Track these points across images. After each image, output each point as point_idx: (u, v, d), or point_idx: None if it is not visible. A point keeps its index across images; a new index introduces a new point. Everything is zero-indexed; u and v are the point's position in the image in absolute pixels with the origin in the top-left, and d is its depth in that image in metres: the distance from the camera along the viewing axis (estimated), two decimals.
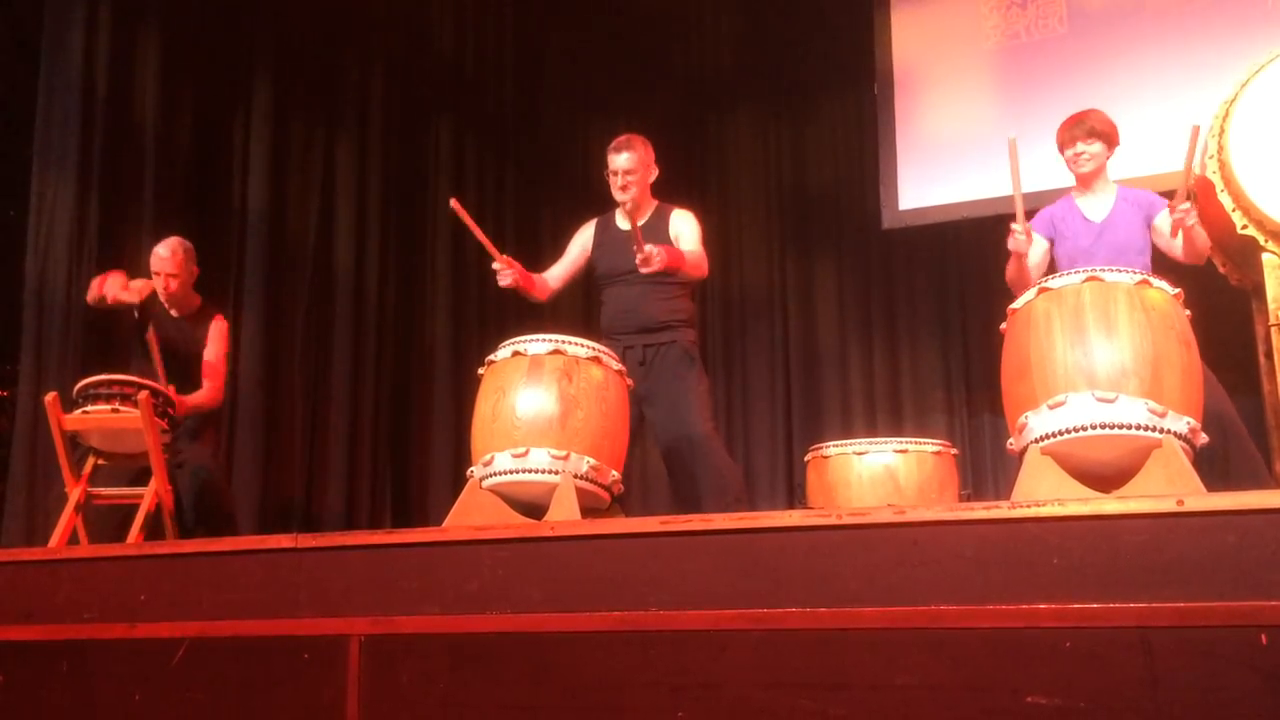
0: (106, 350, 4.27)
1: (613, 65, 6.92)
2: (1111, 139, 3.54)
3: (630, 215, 3.66)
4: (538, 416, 2.89)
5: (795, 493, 5.68)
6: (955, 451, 4.12)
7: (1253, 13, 5.11)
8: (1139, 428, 2.53)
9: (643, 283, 3.62)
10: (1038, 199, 3.80)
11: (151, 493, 3.77)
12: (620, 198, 3.73)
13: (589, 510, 2.96)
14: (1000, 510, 2.01)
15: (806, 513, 2.20)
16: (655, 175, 3.81)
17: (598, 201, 3.87)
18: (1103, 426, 2.54)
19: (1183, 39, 5.33)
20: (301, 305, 5.72)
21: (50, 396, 3.74)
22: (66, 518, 3.74)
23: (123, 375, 3.89)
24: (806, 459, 4.17)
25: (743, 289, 6.57)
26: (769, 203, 6.57)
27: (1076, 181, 3.62)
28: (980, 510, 2.02)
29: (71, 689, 2.56)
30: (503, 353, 3.02)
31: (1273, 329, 3.54)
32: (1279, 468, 3.61)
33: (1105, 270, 2.72)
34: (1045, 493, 2.55)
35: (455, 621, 2.29)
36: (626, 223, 3.74)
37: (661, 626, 2.13)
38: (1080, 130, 3.53)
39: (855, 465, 3.92)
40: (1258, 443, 3.37)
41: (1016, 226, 3.36)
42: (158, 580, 2.59)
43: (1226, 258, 3.81)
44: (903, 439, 4.03)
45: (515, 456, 2.88)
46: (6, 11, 5.04)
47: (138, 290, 4.09)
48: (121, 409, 3.71)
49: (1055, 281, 2.73)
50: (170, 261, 4.19)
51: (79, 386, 3.79)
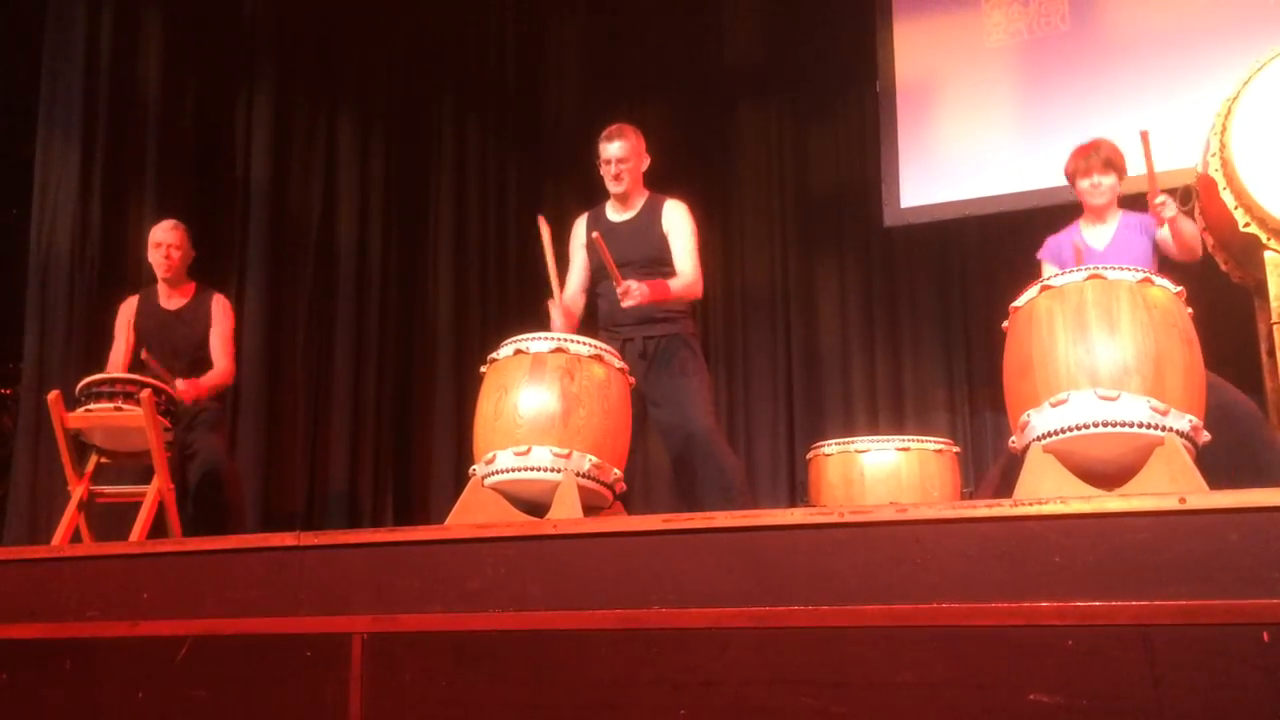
0: (109, 349, 4.27)
1: (614, 58, 6.92)
2: (1123, 170, 3.62)
3: (615, 203, 3.67)
4: (540, 414, 2.89)
5: (797, 491, 5.68)
6: (957, 449, 4.12)
7: (1255, 10, 5.10)
8: (1141, 426, 2.53)
9: (638, 274, 3.56)
10: (1039, 197, 3.79)
11: (154, 491, 3.77)
12: (614, 188, 3.72)
13: (591, 508, 2.96)
14: (1002, 508, 2.01)
15: (809, 511, 2.20)
16: (647, 164, 3.79)
17: (601, 184, 3.85)
18: (1105, 424, 2.54)
19: (1185, 36, 5.32)
20: (303, 301, 5.73)
21: (53, 395, 3.74)
22: (69, 516, 3.75)
23: (125, 373, 3.90)
24: (808, 457, 4.17)
25: (744, 286, 6.56)
26: (771, 200, 6.56)
27: (1086, 211, 3.69)
28: (982, 508, 2.02)
29: (74, 687, 2.57)
30: (505, 351, 3.02)
31: (1275, 327, 3.53)
32: None
33: (1108, 268, 2.72)
34: (1047, 491, 2.54)
35: (457, 620, 2.29)
36: (618, 214, 3.74)
37: (664, 624, 2.13)
38: (1096, 161, 3.59)
39: (857, 463, 3.93)
40: None
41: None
42: (161, 578, 2.60)
43: (1228, 255, 3.80)
44: (905, 437, 4.03)
45: (517, 455, 2.88)
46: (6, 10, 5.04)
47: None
48: (124, 407, 3.71)
49: (1058, 279, 2.73)
50: (173, 234, 4.22)
51: (82, 384, 3.79)
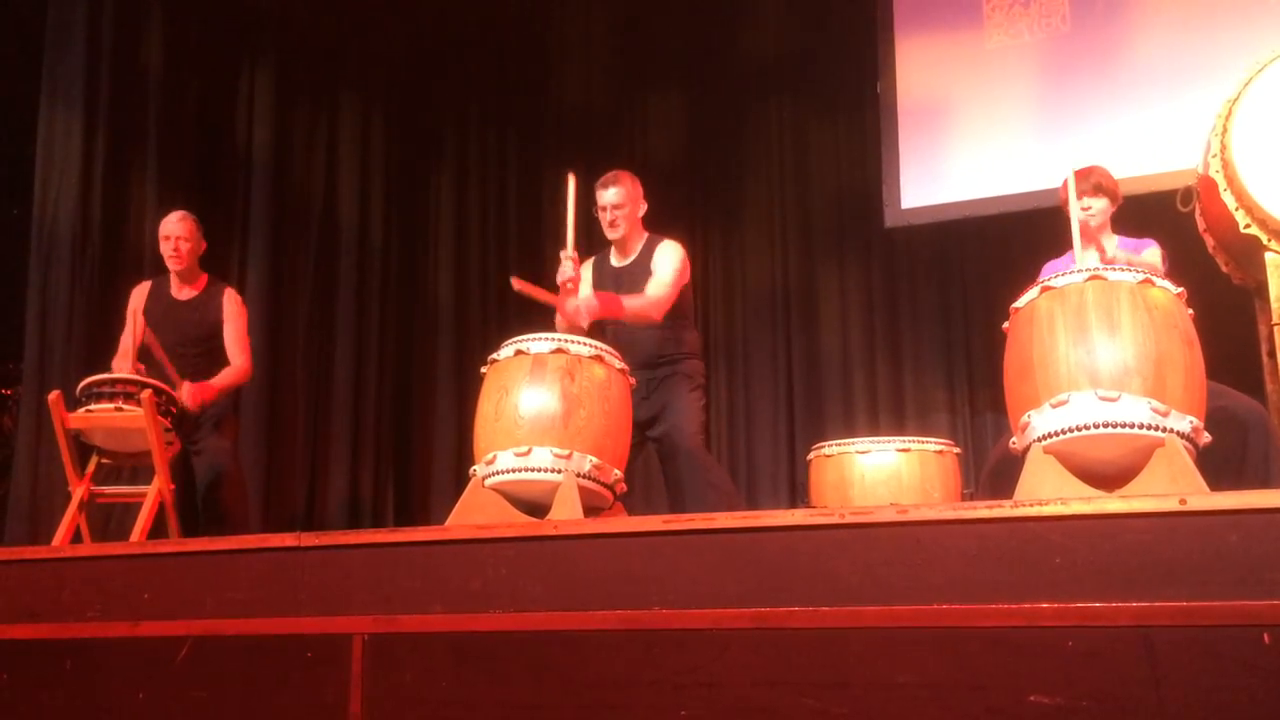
0: (110, 349, 4.28)
1: (618, 54, 6.93)
2: (1115, 196, 3.62)
3: (615, 251, 3.69)
4: (540, 415, 2.89)
5: (798, 492, 5.68)
6: (958, 450, 4.12)
7: (1256, 10, 5.10)
8: (1142, 427, 2.53)
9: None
10: (1040, 198, 3.79)
11: (155, 491, 3.77)
12: (610, 234, 3.75)
13: (591, 509, 2.97)
14: (1003, 509, 2.01)
15: (809, 512, 2.20)
16: (644, 210, 3.80)
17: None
18: (1105, 425, 2.54)
19: (1186, 37, 5.32)
20: (303, 301, 5.73)
21: (54, 395, 3.75)
22: (70, 516, 3.75)
23: (126, 374, 3.90)
24: (809, 458, 4.17)
25: (745, 287, 6.56)
26: (772, 201, 6.56)
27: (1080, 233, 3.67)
28: (983, 509, 2.02)
29: (75, 688, 2.57)
30: (505, 351, 3.02)
31: (1275, 328, 3.53)
32: None
33: (1108, 269, 2.72)
34: (1047, 492, 2.54)
35: (458, 620, 2.29)
36: (618, 260, 3.79)
37: (664, 625, 2.13)
38: (1086, 185, 3.56)
39: (858, 464, 3.93)
40: None
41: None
42: (161, 579, 2.60)
43: (1229, 257, 3.80)
44: (905, 438, 4.03)
45: (518, 455, 2.88)
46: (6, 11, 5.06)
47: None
48: (125, 408, 3.71)
49: (1058, 280, 2.73)
50: (182, 226, 4.19)
51: (82, 385, 3.80)
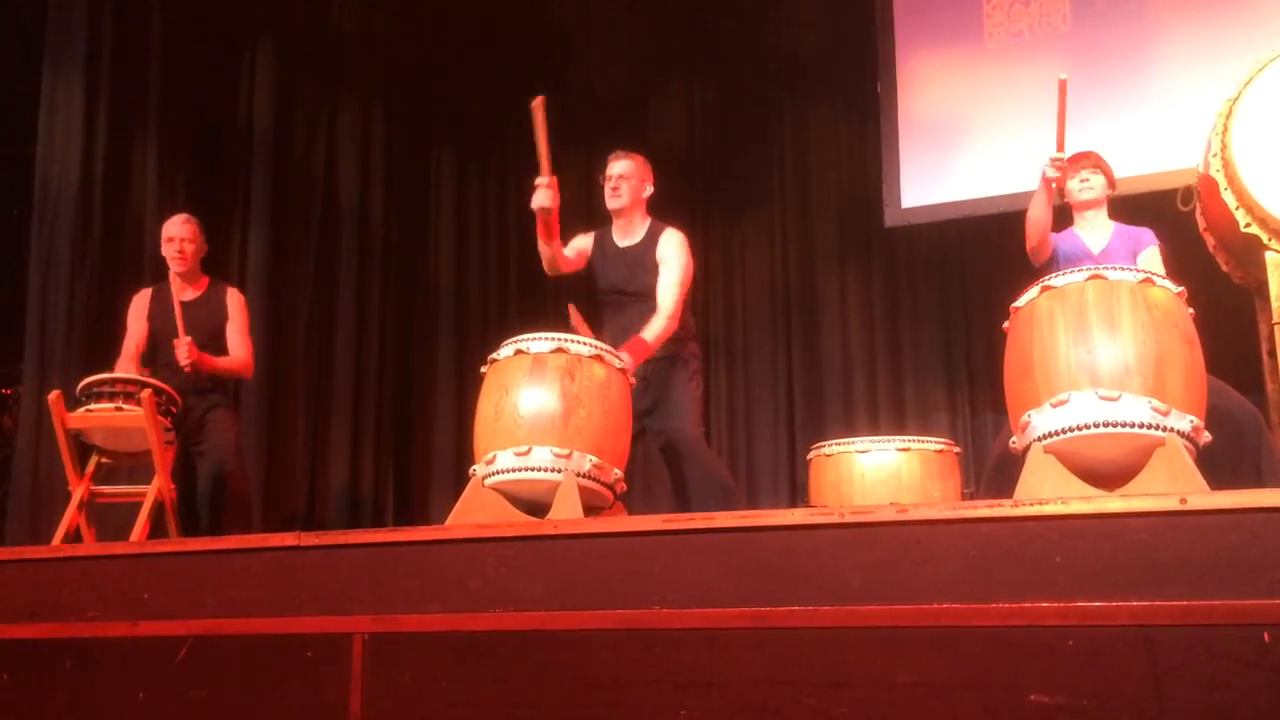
0: (110, 348, 4.28)
1: (620, 42, 6.93)
2: (1110, 179, 3.72)
3: (618, 228, 3.70)
4: (540, 415, 2.89)
5: (798, 491, 5.68)
6: (958, 450, 4.12)
7: (1256, 9, 5.10)
8: (1142, 426, 2.53)
9: (640, 305, 3.61)
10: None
11: (154, 491, 3.77)
12: (612, 203, 3.71)
13: (591, 509, 2.96)
14: (1003, 509, 2.00)
15: (809, 511, 2.20)
16: (650, 192, 3.79)
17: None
18: (1105, 425, 2.54)
19: (1186, 36, 5.32)
20: (303, 300, 5.73)
21: (54, 395, 3.75)
22: (70, 516, 3.75)
23: (126, 374, 3.90)
24: (809, 457, 4.17)
25: (745, 286, 6.56)
26: (772, 200, 6.56)
27: (1077, 212, 3.74)
28: (983, 509, 2.02)
29: (75, 687, 2.57)
30: (505, 351, 3.02)
31: (1275, 327, 3.53)
32: None
33: (1109, 268, 2.72)
34: (1048, 491, 2.54)
35: (458, 620, 2.29)
36: (621, 239, 3.75)
37: (664, 625, 2.13)
38: (1086, 163, 3.70)
39: (858, 464, 3.93)
40: None
41: (1057, 155, 3.48)
42: (161, 578, 2.59)
43: (1230, 256, 3.80)
44: (905, 437, 4.03)
45: (518, 455, 2.88)
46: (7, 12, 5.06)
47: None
48: (125, 407, 3.71)
49: (1058, 280, 2.73)
50: (186, 228, 4.19)
51: (82, 385, 3.80)
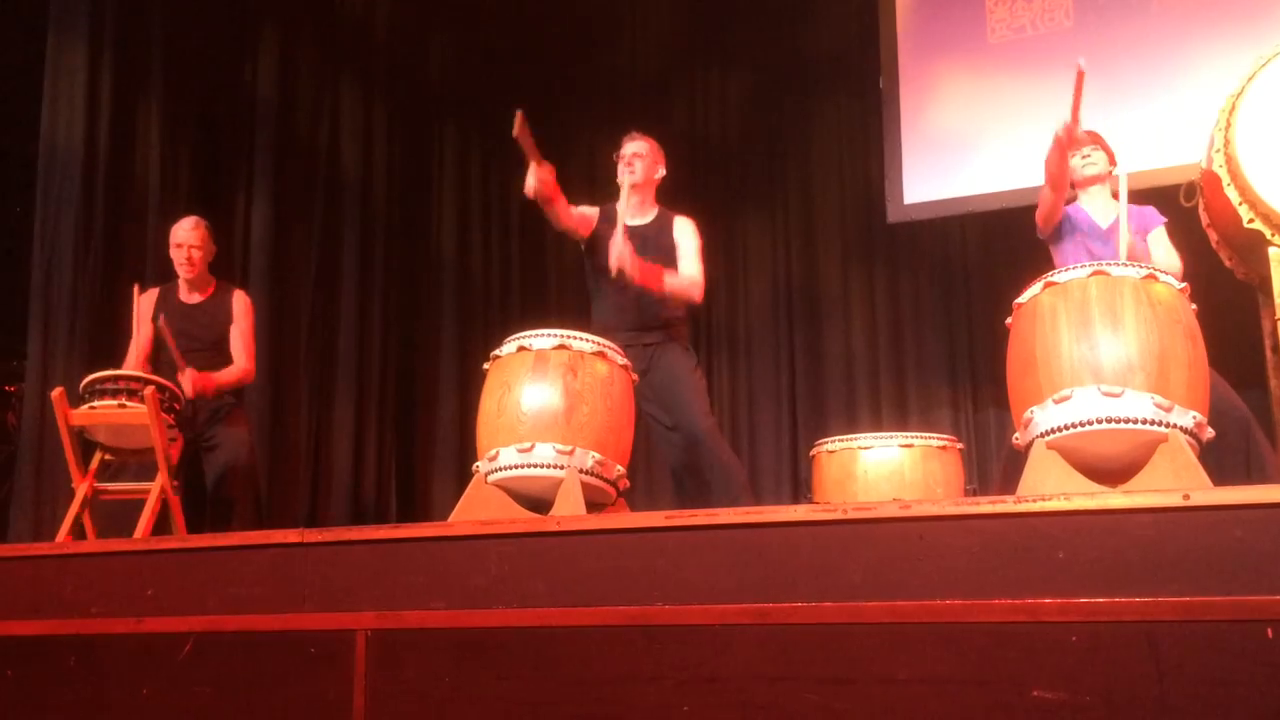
0: (114, 345, 4.28)
1: (613, 43, 6.93)
2: (1111, 156, 3.76)
3: (631, 205, 3.68)
4: (543, 411, 2.89)
5: (800, 488, 5.69)
6: (960, 446, 4.11)
7: (1260, 5, 5.09)
8: (1145, 422, 2.52)
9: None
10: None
11: (158, 488, 3.78)
12: (625, 177, 3.73)
13: (594, 505, 2.97)
14: (1006, 505, 2.00)
15: (812, 507, 2.20)
16: (661, 175, 3.82)
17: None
18: (1108, 421, 2.54)
19: (1189, 33, 5.31)
20: (305, 298, 5.73)
21: (57, 392, 3.75)
22: (73, 513, 3.75)
23: (129, 370, 3.90)
24: (812, 454, 4.17)
25: (747, 282, 6.56)
26: (774, 197, 6.56)
27: (1078, 186, 3.76)
28: (986, 505, 2.02)
29: (79, 683, 2.57)
30: (508, 348, 3.02)
31: (1279, 323, 3.53)
32: None
33: (1111, 265, 2.72)
34: (1051, 487, 2.54)
35: (461, 616, 2.29)
36: (632, 218, 3.75)
37: (667, 621, 2.13)
38: (1085, 140, 3.73)
39: (860, 460, 3.92)
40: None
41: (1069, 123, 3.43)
42: (165, 575, 2.60)
43: (1232, 252, 3.79)
44: (908, 433, 4.03)
45: (520, 451, 2.88)
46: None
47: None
48: (128, 404, 3.71)
49: (1061, 276, 2.73)
50: (194, 234, 4.21)
51: (86, 382, 3.80)
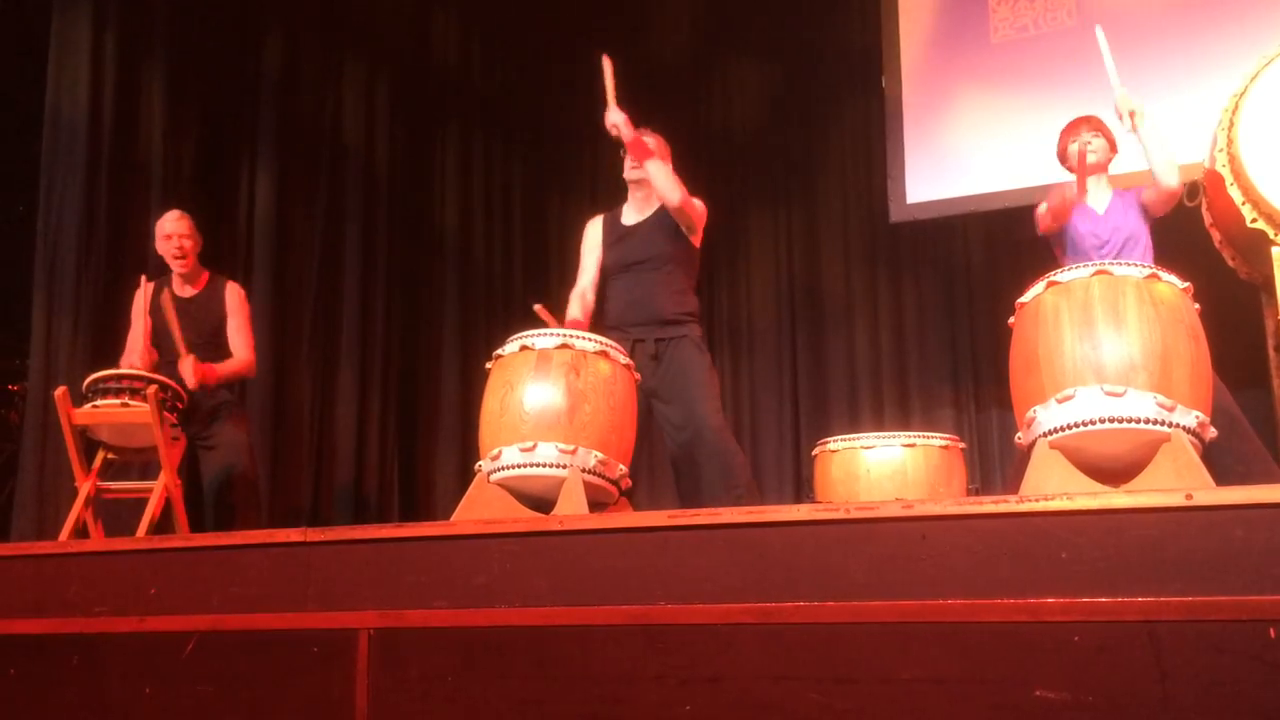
0: (117, 344, 4.28)
1: (613, 41, 6.92)
2: (1112, 142, 3.76)
3: (638, 207, 3.68)
4: (545, 411, 2.89)
5: (803, 487, 5.69)
6: (963, 445, 4.11)
7: (1263, 4, 5.08)
8: (1147, 422, 2.52)
9: (653, 275, 3.60)
10: (1045, 193, 3.79)
11: (161, 487, 3.78)
12: (631, 174, 3.70)
13: (596, 504, 2.97)
14: (1008, 504, 2.00)
15: (814, 507, 2.20)
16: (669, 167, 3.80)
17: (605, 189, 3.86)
18: (1111, 420, 2.54)
19: (1192, 31, 5.30)
20: (308, 298, 5.74)
21: (59, 391, 3.75)
22: (76, 512, 3.76)
23: (132, 370, 3.90)
24: (814, 453, 4.17)
25: (750, 282, 6.57)
26: (777, 196, 6.56)
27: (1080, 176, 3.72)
28: (988, 504, 2.02)
29: (82, 682, 2.57)
30: (510, 347, 3.02)
31: None
32: None
33: (1114, 264, 2.71)
34: (1053, 487, 2.54)
35: (463, 615, 2.29)
36: (632, 218, 3.74)
37: (669, 620, 2.13)
38: (1087, 126, 3.75)
39: (863, 460, 3.92)
40: (1267, 437, 3.36)
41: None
42: (168, 574, 2.60)
43: (1235, 251, 3.79)
44: (910, 433, 4.02)
45: (523, 451, 2.88)
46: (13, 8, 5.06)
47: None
48: (131, 403, 3.72)
49: (1063, 275, 2.73)
50: (182, 224, 4.19)
51: (88, 381, 3.80)
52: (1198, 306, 2.73)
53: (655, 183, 3.56)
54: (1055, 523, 1.94)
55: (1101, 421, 2.54)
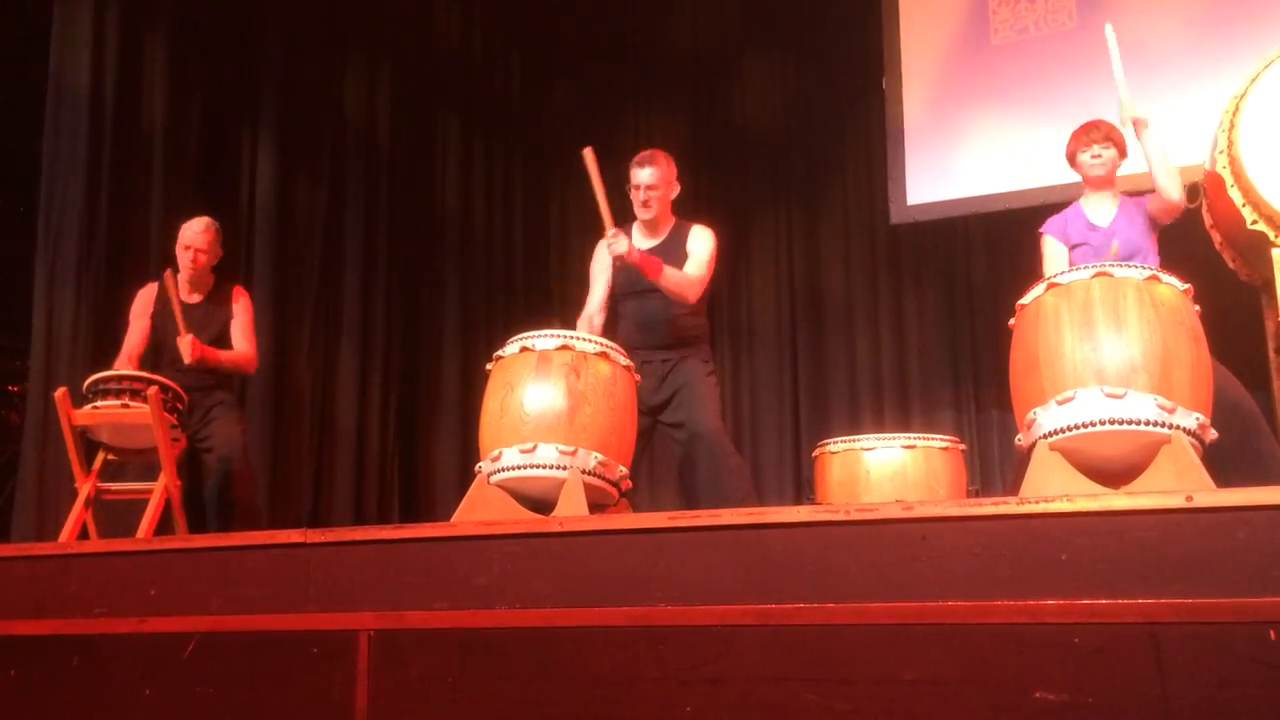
0: (116, 345, 4.28)
1: (614, 40, 6.94)
2: (1122, 148, 3.67)
3: (649, 230, 3.68)
4: (545, 412, 2.89)
5: (803, 488, 5.68)
6: (963, 447, 4.11)
7: (1263, 6, 5.08)
8: (1148, 423, 2.52)
9: (664, 300, 3.62)
10: (1046, 194, 3.80)
11: (161, 488, 3.78)
12: (642, 214, 3.71)
13: (596, 506, 2.97)
14: (1008, 506, 2.00)
15: (814, 508, 2.20)
16: (677, 191, 3.78)
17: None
18: (1111, 422, 2.54)
19: (1192, 33, 5.30)
20: (308, 298, 5.73)
21: (60, 392, 3.76)
22: (76, 513, 3.76)
23: (132, 370, 3.90)
24: (814, 454, 4.17)
25: (750, 283, 6.56)
26: (777, 197, 6.56)
27: (1085, 184, 3.71)
28: (988, 506, 2.02)
29: (82, 684, 2.57)
30: (511, 348, 3.02)
31: None
32: None
33: (1115, 266, 2.71)
34: (1053, 488, 2.54)
35: (463, 617, 2.29)
36: (644, 240, 3.73)
37: (669, 621, 2.13)
38: (1096, 135, 3.66)
39: (863, 461, 3.92)
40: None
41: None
42: (168, 575, 2.60)
43: (1236, 253, 3.79)
44: (911, 435, 4.02)
45: (523, 452, 2.88)
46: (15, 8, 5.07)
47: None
48: (131, 404, 3.72)
49: (1064, 277, 2.73)
50: (203, 237, 4.17)
51: (89, 382, 3.80)
52: (1198, 308, 2.73)
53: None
54: (1055, 524, 1.93)
55: (1102, 423, 2.54)
